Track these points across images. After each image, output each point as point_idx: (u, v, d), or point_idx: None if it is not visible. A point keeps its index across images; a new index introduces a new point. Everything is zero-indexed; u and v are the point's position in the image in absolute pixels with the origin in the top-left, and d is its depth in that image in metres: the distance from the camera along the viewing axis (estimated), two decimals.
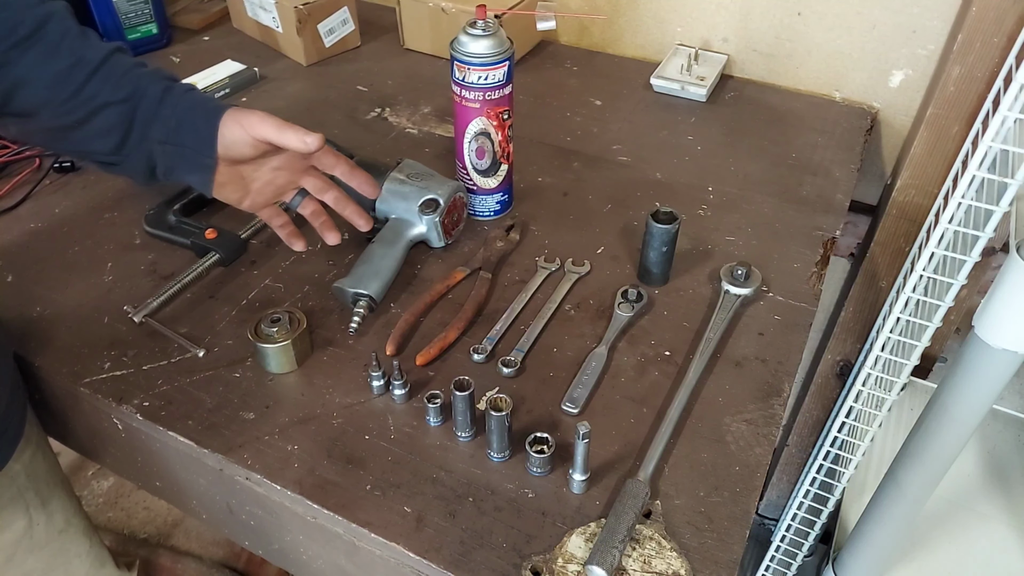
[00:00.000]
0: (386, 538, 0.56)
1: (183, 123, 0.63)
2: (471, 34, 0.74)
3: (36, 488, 0.71)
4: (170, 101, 0.63)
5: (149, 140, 0.63)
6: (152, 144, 0.64)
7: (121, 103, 0.62)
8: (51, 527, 0.74)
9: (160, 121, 0.63)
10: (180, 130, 0.63)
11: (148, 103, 0.63)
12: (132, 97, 0.62)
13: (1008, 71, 0.65)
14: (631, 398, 0.66)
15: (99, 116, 0.61)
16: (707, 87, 1.07)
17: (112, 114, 0.62)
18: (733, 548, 0.55)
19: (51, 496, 0.74)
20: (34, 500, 0.71)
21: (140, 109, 0.62)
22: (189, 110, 0.64)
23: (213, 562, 1.49)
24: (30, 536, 0.72)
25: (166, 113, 0.63)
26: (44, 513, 0.73)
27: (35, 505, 0.71)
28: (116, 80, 0.62)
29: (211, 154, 0.64)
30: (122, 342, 0.71)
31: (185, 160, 0.64)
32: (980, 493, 0.99)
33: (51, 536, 0.75)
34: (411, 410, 0.65)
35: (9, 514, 0.70)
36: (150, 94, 0.63)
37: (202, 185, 0.66)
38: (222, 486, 0.65)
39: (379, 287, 0.73)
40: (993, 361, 0.67)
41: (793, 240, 0.84)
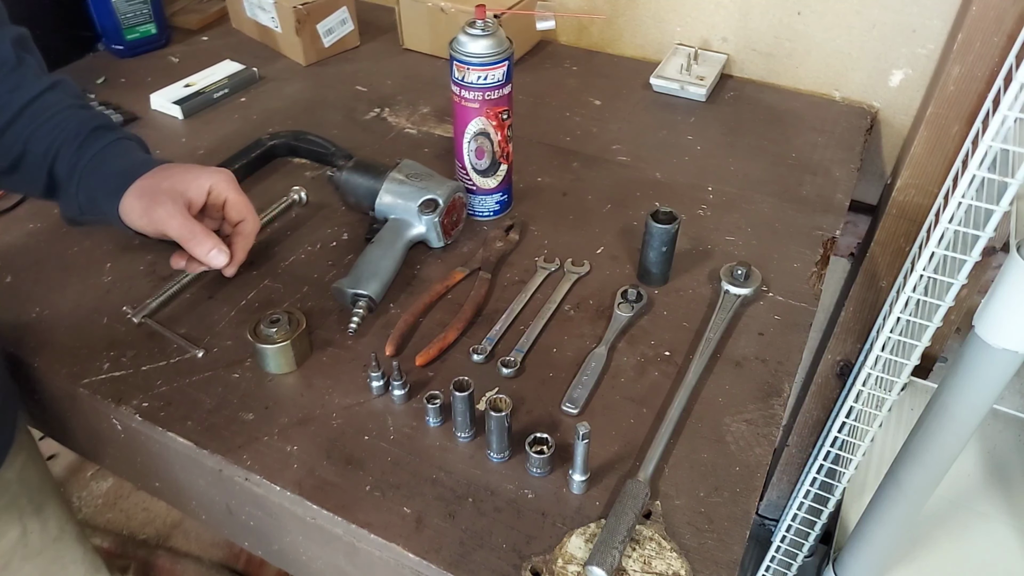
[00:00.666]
0: (386, 539, 0.55)
1: (94, 199, 0.65)
2: (470, 34, 0.74)
3: (29, 496, 0.71)
4: (81, 169, 0.64)
5: (71, 199, 0.65)
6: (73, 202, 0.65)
7: (41, 156, 0.63)
8: (46, 534, 0.74)
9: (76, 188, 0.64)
10: (93, 204, 0.65)
11: (62, 164, 0.63)
12: (48, 152, 0.63)
13: (1008, 70, 0.65)
14: (631, 398, 0.66)
15: (22, 165, 0.63)
16: (707, 87, 1.07)
17: (33, 167, 0.63)
18: (733, 548, 0.55)
19: (44, 503, 0.73)
20: (28, 507, 0.70)
21: (57, 164, 0.64)
22: (97, 187, 0.65)
23: (212, 563, 1.49)
24: (24, 544, 0.71)
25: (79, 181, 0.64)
26: (38, 520, 0.72)
27: (29, 513, 0.71)
28: (37, 129, 0.62)
29: (114, 216, 0.66)
30: (121, 343, 0.71)
31: (110, 221, 0.66)
32: (980, 493, 0.99)
33: (46, 543, 0.74)
34: (410, 411, 0.65)
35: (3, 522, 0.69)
36: (61, 157, 0.63)
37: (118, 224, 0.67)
38: (221, 487, 0.65)
39: (378, 287, 0.73)
40: (993, 361, 0.67)
41: (793, 240, 0.83)
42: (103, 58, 1.17)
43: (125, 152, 0.67)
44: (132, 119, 1.02)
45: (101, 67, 1.14)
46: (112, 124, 0.68)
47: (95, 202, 0.64)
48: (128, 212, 0.64)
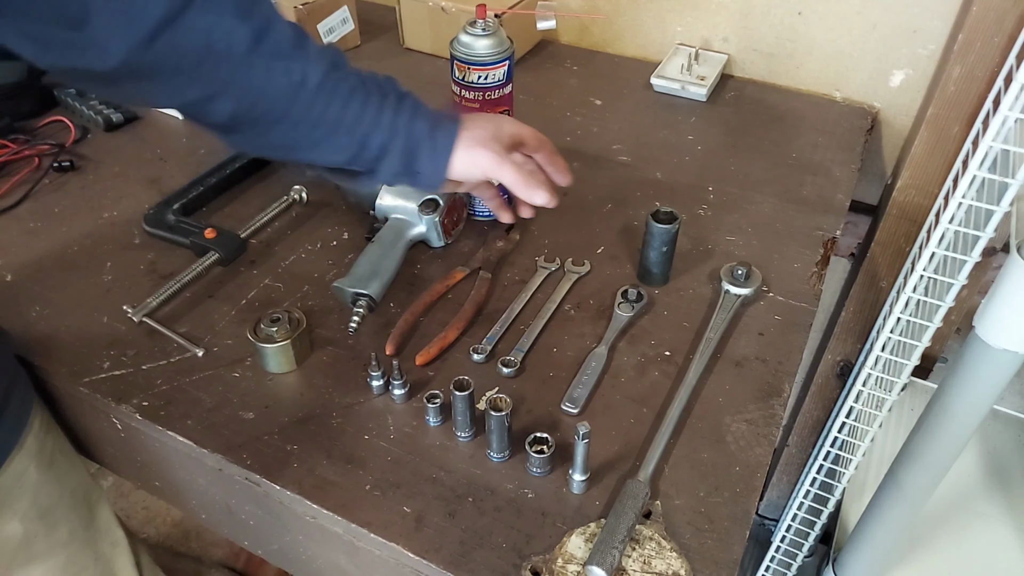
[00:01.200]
0: (386, 538, 0.55)
1: (416, 154, 0.62)
2: (471, 33, 0.74)
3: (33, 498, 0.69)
4: (401, 130, 0.61)
5: (380, 170, 0.62)
6: (382, 170, 0.63)
7: (349, 129, 0.60)
8: (52, 539, 0.72)
9: (391, 153, 0.61)
10: (413, 161, 0.63)
11: (378, 136, 0.61)
12: (358, 125, 0.60)
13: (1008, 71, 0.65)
14: (631, 398, 0.66)
15: (327, 140, 0.60)
16: (707, 87, 1.07)
17: (340, 140, 0.60)
18: (733, 548, 0.55)
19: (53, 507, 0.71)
20: (30, 511, 0.69)
21: (371, 137, 0.60)
22: (419, 143, 0.62)
23: (212, 562, 1.49)
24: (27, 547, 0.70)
25: (396, 144, 0.61)
26: (43, 524, 0.71)
27: (31, 517, 0.69)
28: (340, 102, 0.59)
29: (439, 185, 0.65)
30: (121, 342, 0.71)
31: (414, 182, 0.64)
32: (980, 493, 0.99)
33: (53, 548, 0.73)
34: (411, 410, 0.65)
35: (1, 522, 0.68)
36: (381, 124, 0.60)
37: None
38: (221, 486, 0.65)
39: (379, 287, 0.73)
40: (993, 361, 0.67)
41: (793, 240, 0.83)
42: None
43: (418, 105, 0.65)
44: (132, 118, 1.02)
45: None
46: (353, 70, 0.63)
47: (419, 156, 0.62)
48: (457, 157, 0.64)
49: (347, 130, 0.59)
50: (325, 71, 0.57)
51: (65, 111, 1.02)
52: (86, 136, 0.99)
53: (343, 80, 0.58)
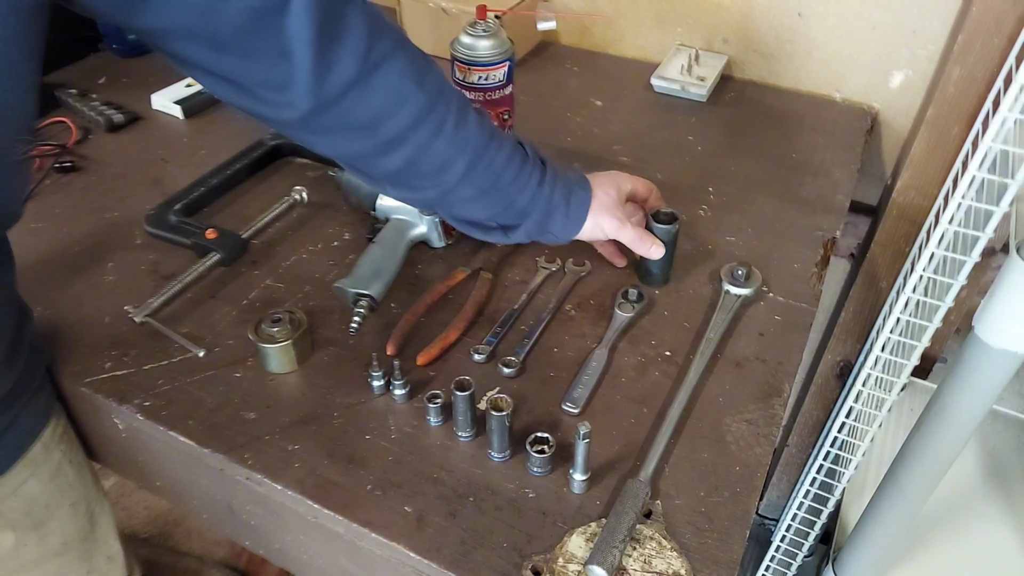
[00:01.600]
0: (387, 538, 0.56)
1: (550, 219, 0.69)
2: (472, 34, 0.74)
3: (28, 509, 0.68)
4: (543, 197, 0.68)
5: (517, 230, 0.69)
6: (519, 231, 0.69)
7: (500, 193, 0.65)
8: (44, 548, 0.71)
9: (531, 217, 0.68)
10: (547, 225, 0.69)
11: (522, 199, 0.67)
12: (509, 189, 0.65)
13: (1008, 72, 0.65)
14: (631, 398, 0.66)
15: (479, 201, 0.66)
16: (707, 87, 1.08)
17: (491, 201, 0.66)
18: (733, 548, 0.55)
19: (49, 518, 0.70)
20: (23, 521, 0.68)
21: (517, 201, 0.67)
22: (555, 209, 0.69)
23: (214, 562, 1.49)
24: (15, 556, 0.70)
25: (537, 209, 0.68)
26: (36, 535, 0.70)
27: (24, 527, 0.68)
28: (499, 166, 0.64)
29: (568, 240, 0.72)
30: (123, 342, 0.71)
31: (542, 240, 0.71)
32: (980, 493, 0.99)
33: (45, 558, 0.72)
34: (412, 410, 0.65)
35: None
36: (527, 191, 0.66)
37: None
38: (223, 486, 0.65)
39: (380, 287, 0.73)
40: (993, 361, 0.67)
41: (793, 240, 0.84)
42: (105, 58, 1.17)
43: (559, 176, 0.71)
44: (134, 119, 1.02)
45: (103, 67, 1.14)
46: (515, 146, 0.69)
47: (553, 220, 0.69)
48: (587, 224, 0.71)
49: (499, 193, 0.65)
50: (486, 137, 0.62)
51: (67, 112, 1.02)
52: (88, 137, 0.99)
53: (500, 149, 0.64)
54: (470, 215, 0.67)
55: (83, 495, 0.75)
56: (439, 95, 0.59)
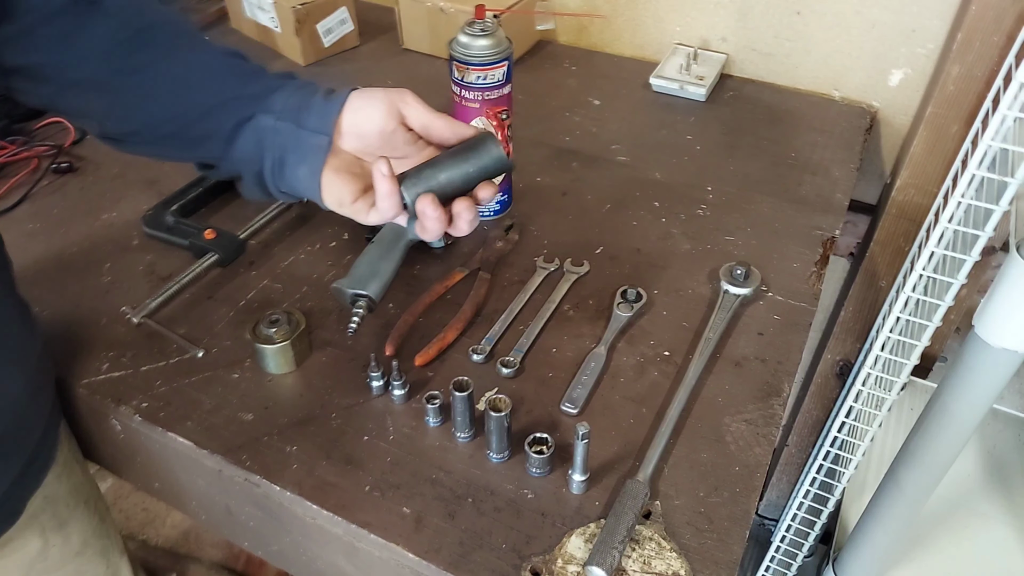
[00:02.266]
0: (385, 539, 0.55)
1: (308, 101, 0.58)
2: (470, 34, 0.74)
3: (54, 510, 0.69)
4: (298, 85, 0.58)
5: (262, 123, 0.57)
6: (264, 127, 0.57)
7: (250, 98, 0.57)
8: (67, 548, 0.72)
9: (283, 103, 0.57)
10: (302, 108, 0.57)
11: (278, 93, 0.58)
12: (263, 92, 0.58)
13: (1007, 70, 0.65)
14: (630, 398, 0.66)
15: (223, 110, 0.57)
16: (706, 87, 1.07)
17: (236, 106, 0.57)
18: (733, 548, 0.55)
19: (70, 518, 0.71)
20: (51, 522, 0.69)
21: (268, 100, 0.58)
22: (315, 91, 0.58)
23: (212, 563, 1.48)
24: (44, 557, 0.69)
25: (291, 94, 0.58)
26: (60, 535, 0.70)
27: (51, 527, 0.69)
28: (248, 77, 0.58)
29: (328, 128, 0.57)
30: (120, 343, 0.71)
31: (299, 143, 0.57)
32: (980, 493, 0.99)
33: (67, 558, 0.72)
34: (410, 411, 0.65)
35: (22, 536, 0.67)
36: (280, 87, 0.58)
37: (310, 179, 0.58)
38: (221, 487, 0.65)
39: (378, 288, 0.72)
40: (993, 360, 0.67)
41: (792, 240, 0.83)
42: None
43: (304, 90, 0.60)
44: None
45: None
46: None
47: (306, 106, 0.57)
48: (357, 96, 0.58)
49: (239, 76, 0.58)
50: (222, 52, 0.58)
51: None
52: (84, 137, 0.99)
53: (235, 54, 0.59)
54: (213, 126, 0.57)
55: (91, 493, 0.76)
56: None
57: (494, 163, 0.58)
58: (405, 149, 0.60)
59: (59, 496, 0.70)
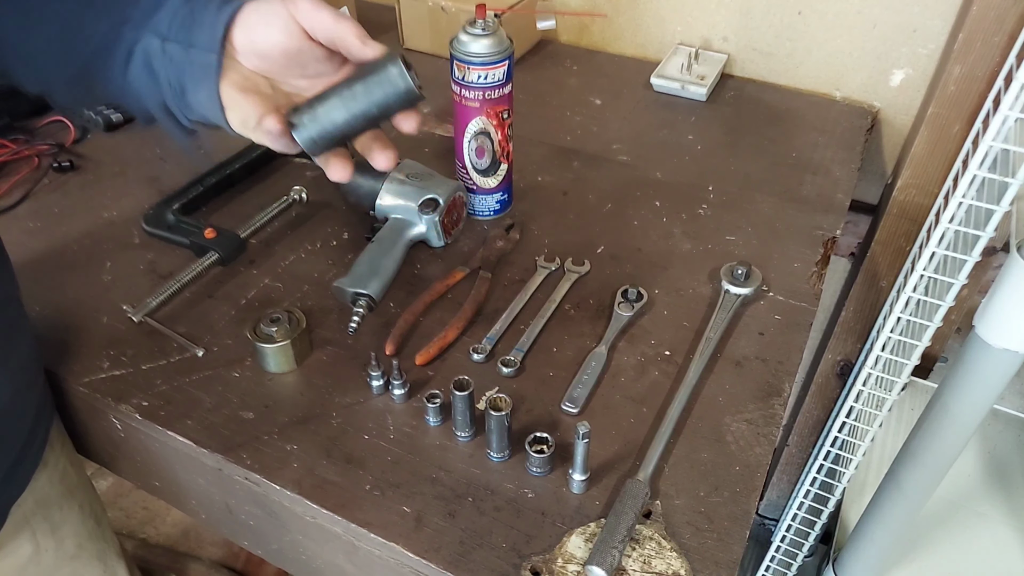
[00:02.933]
0: (385, 538, 0.55)
1: (195, 15, 0.51)
2: (471, 33, 0.74)
3: (46, 513, 0.68)
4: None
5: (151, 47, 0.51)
6: (152, 51, 0.51)
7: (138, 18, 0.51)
8: (61, 553, 0.71)
9: (169, 20, 0.51)
10: (190, 24, 0.51)
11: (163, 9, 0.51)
12: (149, 7, 0.51)
13: (1009, 70, 0.65)
14: (631, 398, 0.66)
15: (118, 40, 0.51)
16: (707, 86, 1.07)
17: (127, 31, 0.51)
18: (733, 548, 0.55)
19: (63, 521, 0.71)
20: (42, 526, 0.68)
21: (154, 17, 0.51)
22: (205, 2, 0.51)
23: (212, 562, 1.49)
24: (37, 562, 0.69)
25: (178, 9, 0.51)
26: (54, 539, 0.70)
27: (44, 531, 0.68)
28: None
29: (215, 45, 0.51)
30: (121, 341, 0.71)
31: (191, 64, 0.51)
32: (980, 493, 0.99)
33: (61, 562, 0.72)
34: (410, 410, 0.65)
35: (14, 540, 0.67)
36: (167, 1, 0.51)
37: (210, 102, 0.52)
38: (221, 486, 0.65)
39: (379, 287, 0.73)
40: (994, 361, 0.67)
41: (793, 240, 0.83)
42: None
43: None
44: (131, 118, 1.02)
45: None
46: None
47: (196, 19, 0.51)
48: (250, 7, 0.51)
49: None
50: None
51: (64, 111, 1.01)
52: (86, 136, 0.99)
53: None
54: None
55: (86, 496, 0.75)
56: None
57: (397, 97, 0.50)
58: (319, 67, 0.53)
59: (51, 499, 0.69)
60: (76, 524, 0.73)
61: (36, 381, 0.67)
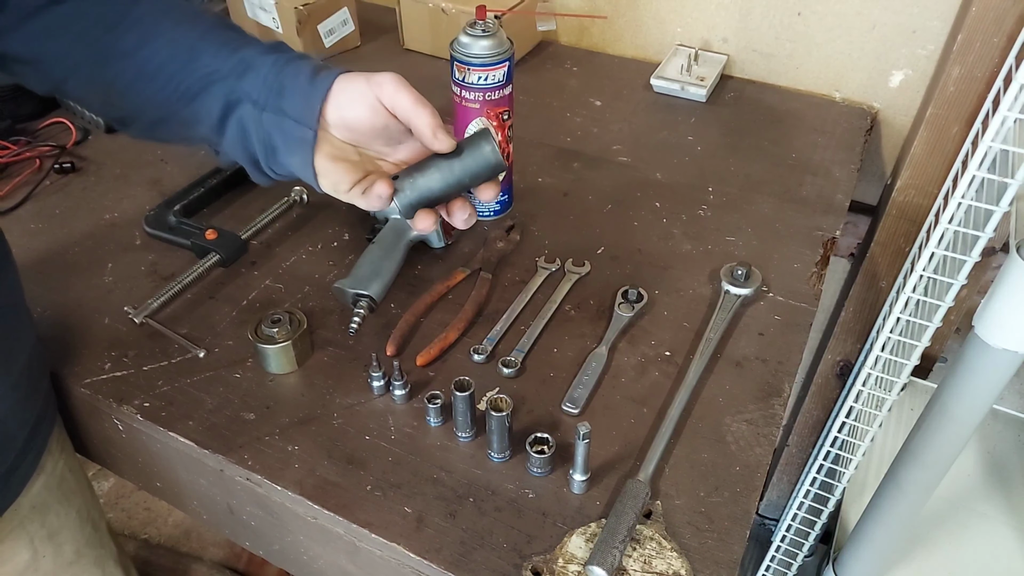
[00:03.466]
0: (386, 538, 0.56)
1: (286, 87, 0.54)
2: (471, 34, 0.74)
3: (43, 519, 0.68)
4: (275, 64, 0.54)
5: (245, 114, 0.55)
6: (248, 117, 0.55)
7: (228, 76, 0.54)
8: (59, 559, 0.71)
9: (261, 86, 0.54)
10: (283, 94, 0.54)
11: (254, 73, 0.54)
12: (238, 68, 0.54)
13: (1008, 71, 0.65)
14: (631, 398, 0.66)
15: (206, 93, 0.55)
16: (707, 87, 1.07)
17: (218, 89, 0.54)
18: (733, 548, 0.55)
19: (61, 527, 0.70)
20: (39, 532, 0.68)
21: (245, 79, 0.54)
22: (295, 74, 0.54)
23: (214, 563, 1.49)
24: (35, 568, 0.69)
25: (269, 77, 0.54)
26: (52, 545, 0.69)
27: (41, 537, 0.68)
28: (222, 50, 0.55)
29: (312, 122, 0.54)
30: (122, 343, 0.71)
31: (285, 133, 0.54)
32: (980, 493, 0.99)
33: (60, 568, 0.71)
34: (411, 410, 0.65)
35: (10, 547, 0.66)
36: (257, 64, 0.54)
37: (303, 168, 0.55)
38: (223, 487, 0.65)
39: (379, 288, 0.73)
40: (993, 361, 0.67)
41: (793, 240, 0.84)
42: None
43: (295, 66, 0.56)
44: None
45: None
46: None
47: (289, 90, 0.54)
48: (341, 81, 0.55)
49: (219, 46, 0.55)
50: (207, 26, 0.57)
51: (66, 113, 1.02)
52: (87, 138, 0.99)
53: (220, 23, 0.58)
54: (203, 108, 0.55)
55: (84, 502, 0.75)
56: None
57: (488, 170, 0.56)
58: (401, 138, 0.57)
59: (49, 505, 0.68)
60: (74, 530, 0.73)
61: (39, 388, 0.67)
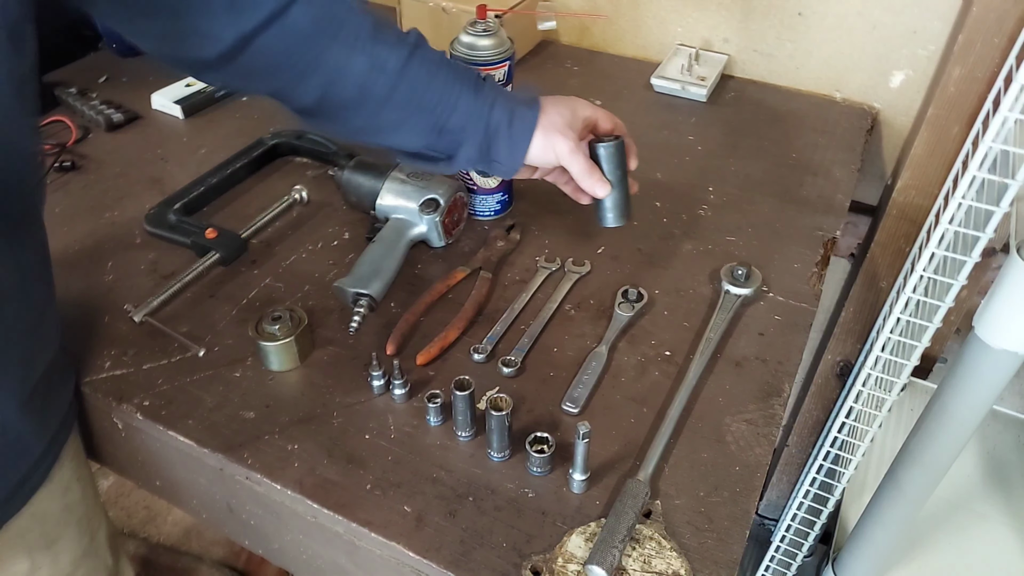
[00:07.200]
0: (386, 537, 0.56)
1: (494, 140, 0.65)
2: (472, 34, 0.74)
3: (43, 529, 0.66)
4: (479, 115, 0.64)
5: (457, 156, 0.66)
6: (460, 156, 0.66)
7: (428, 112, 0.63)
8: (56, 570, 0.69)
9: (469, 139, 0.64)
10: (490, 148, 0.65)
11: (456, 119, 0.63)
12: (437, 108, 0.63)
13: (1008, 72, 0.65)
14: (631, 398, 0.66)
15: (407, 123, 0.63)
16: (708, 87, 1.07)
17: (420, 123, 0.63)
18: (733, 548, 0.55)
19: (60, 537, 0.69)
20: (39, 542, 0.66)
21: (450, 121, 0.63)
22: (496, 130, 0.65)
23: (213, 561, 1.49)
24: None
25: (476, 129, 0.64)
26: (49, 555, 0.68)
27: (40, 547, 0.67)
28: (421, 86, 0.62)
29: (515, 168, 0.68)
30: (122, 341, 0.71)
31: (490, 167, 0.68)
32: (980, 493, 0.99)
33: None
34: (411, 410, 0.65)
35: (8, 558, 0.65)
36: (459, 108, 0.63)
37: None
38: (222, 485, 0.65)
39: (380, 287, 0.73)
40: (993, 361, 0.67)
41: (793, 240, 0.84)
42: (105, 57, 1.17)
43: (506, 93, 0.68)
44: (133, 118, 1.02)
45: (103, 66, 1.14)
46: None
47: (496, 144, 0.65)
48: (535, 143, 0.66)
49: (427, 112, 0.63)
50: (405, 56, 0.61)
51: (66, 111, 1.02)
52: (87, 136, 0.99)
53: (423, 65, 0.62)
54: (403, 143, 0.66)
55: (86, 511, 0.74)
56: (346, 19, 0.60)
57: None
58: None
59: (49, 514, 0.67)
60: (72, 540, 0.71)
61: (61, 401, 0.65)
